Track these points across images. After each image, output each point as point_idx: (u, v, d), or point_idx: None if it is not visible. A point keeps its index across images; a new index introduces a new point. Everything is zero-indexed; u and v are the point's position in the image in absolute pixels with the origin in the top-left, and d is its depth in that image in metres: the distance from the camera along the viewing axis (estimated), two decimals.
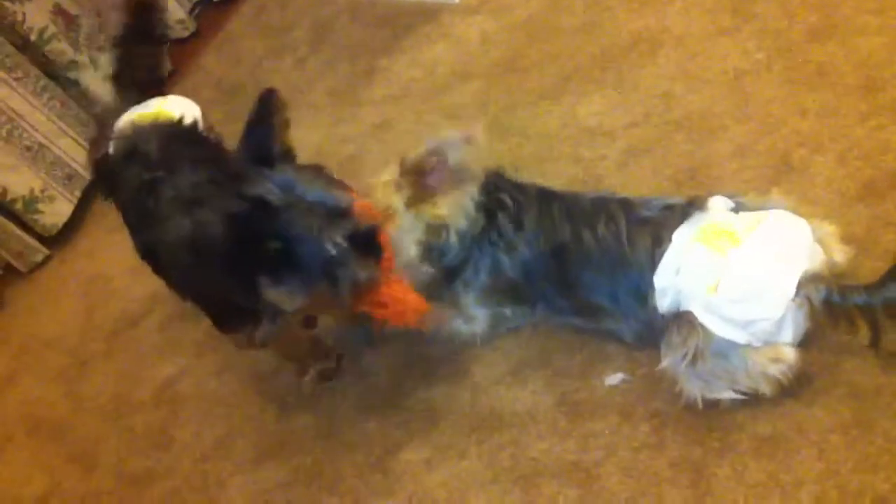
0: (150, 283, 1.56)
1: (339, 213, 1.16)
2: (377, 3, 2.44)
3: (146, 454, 1.70)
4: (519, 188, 1.40)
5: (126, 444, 1.76)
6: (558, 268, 1.32)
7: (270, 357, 1.64)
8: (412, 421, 1.44)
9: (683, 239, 1.17)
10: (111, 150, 1.48)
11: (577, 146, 1.71)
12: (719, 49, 1.70)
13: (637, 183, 1.55)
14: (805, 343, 1.15)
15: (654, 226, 1.22)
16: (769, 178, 1.42)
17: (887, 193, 1.31)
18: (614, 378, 1.31)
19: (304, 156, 1.58)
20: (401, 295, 1.30)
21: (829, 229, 1.19)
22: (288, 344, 1.54)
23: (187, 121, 1.49)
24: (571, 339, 1.39)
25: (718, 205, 1.20)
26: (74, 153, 2.34)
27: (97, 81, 2.36)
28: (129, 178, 1.38)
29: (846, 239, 1.20)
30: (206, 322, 1.43)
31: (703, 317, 1.13)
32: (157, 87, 1.70)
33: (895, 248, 1.22)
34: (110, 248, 2.28)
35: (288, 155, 1.23)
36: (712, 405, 1.19)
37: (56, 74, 2.33)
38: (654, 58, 1.77)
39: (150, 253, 1.38)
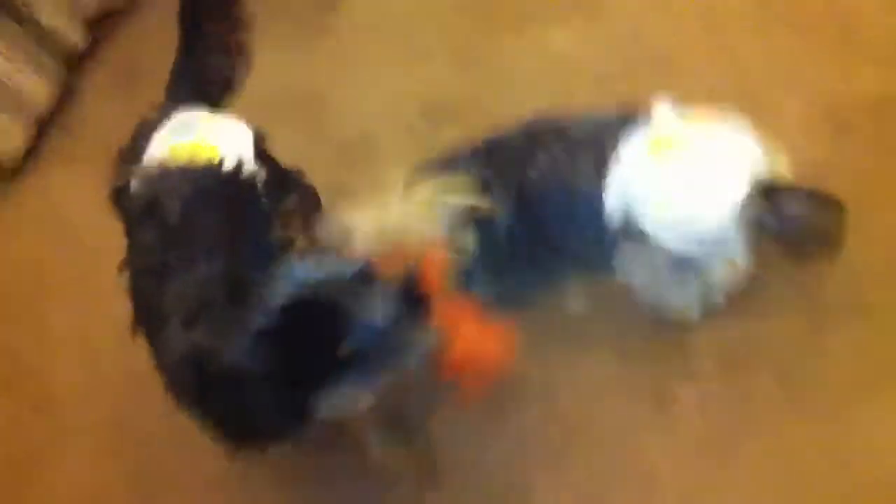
0: (107, 221, 1.51)
1: (364, 279, 0.96)
2: None
3: (113, 394, 1.68)
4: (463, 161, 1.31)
5: (91, 383, 1.73)
6: (525, 212, 1.25)
7: None
8: None
9: (630, 154, 1.14)
10: (132, 187, 1.25)
11: (544, 79, 1.70)
12: None
13: None
14: (758, 257, 1.15)
15: (594, 146, 1.17)
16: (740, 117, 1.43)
17: (855, 134, 1.34)
18: (577, 303, 1.32)
19: (264, 91, 1.51)
20: (478, 339, 1.06)
21: (783, 158, 1.17)
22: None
23: (229, 163, 1.19)
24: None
25: (663, 115, 1.17)
26: (25, 83, 2.24)
27: (48, 11, 2.25)
28: (143, 241, 1.18)
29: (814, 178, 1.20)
30: None
31: (652, 230, 1.12)
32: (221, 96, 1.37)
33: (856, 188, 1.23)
34: (66, 185, 2.21)
35: (287, 246, 1.13)
36: (673, 324, 1.21)
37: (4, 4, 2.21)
38: None
39: (149, 342, 1.18)
